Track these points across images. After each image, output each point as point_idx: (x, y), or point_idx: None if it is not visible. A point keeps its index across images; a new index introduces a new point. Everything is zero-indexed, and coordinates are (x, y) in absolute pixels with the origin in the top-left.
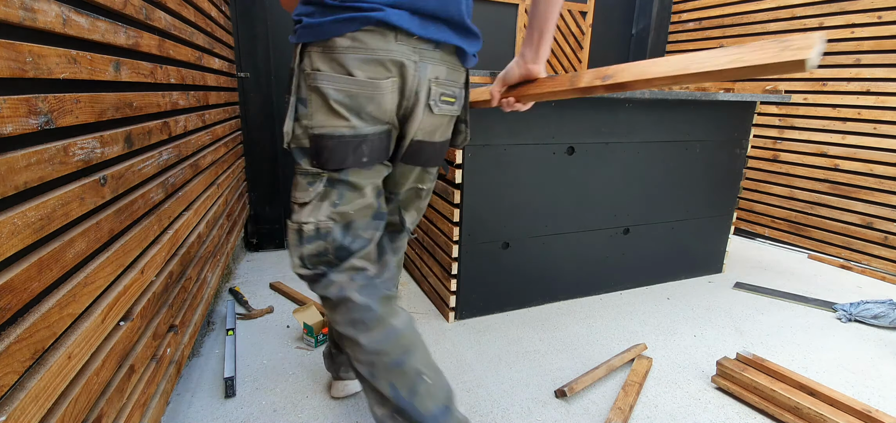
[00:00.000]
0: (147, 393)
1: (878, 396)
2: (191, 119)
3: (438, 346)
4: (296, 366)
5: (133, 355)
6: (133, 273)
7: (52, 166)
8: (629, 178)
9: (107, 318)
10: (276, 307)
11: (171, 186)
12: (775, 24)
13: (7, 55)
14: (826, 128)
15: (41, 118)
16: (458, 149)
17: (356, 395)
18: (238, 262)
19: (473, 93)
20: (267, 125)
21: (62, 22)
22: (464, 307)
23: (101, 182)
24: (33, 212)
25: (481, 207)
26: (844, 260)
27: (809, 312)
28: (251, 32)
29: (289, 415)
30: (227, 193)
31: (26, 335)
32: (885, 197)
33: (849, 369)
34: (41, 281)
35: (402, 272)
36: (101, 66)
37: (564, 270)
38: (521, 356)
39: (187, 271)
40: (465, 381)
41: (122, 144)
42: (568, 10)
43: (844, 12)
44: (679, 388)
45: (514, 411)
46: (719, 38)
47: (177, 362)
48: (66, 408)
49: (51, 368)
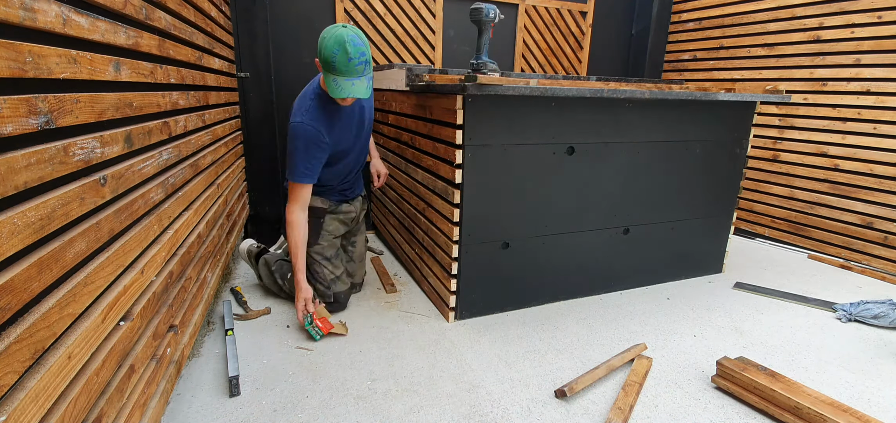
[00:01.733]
0: (147, 393)
1: (879, 396)
2: (191, 119)
3: (438, 346)
4: (296, 366)
5: (133, 354)
6: (133, 273)
7: (51, 166)
8: (629, 178)
9: (107, 318)
10: (273, 308)
11: (171, 186)
12: (775, 24)
13: (7, 55)
14: (826, 128)
15: (41, 118)
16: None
17: (362, 398)
18: (238, 262)
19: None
20: (267, 125)
21: (62, 22)
22: (464, 307)
23: (101, 182)
24: (33, 212)
25: (481, 208)
26: (844, 260)
27: (810, 312)
28: (251, 32)
29: (289, 415)
30: (227, 193)
31: (26, 335)
32: (885, 197)
33: (848, 368)
34: (41, 281)
35: (401, 272)
36: (101, 66)
37: (564, 270)
38: (520, 356)
39: (187, 270)
40: (465, 381)
41: (122, 144)
42: (568, 9)
43: (844, 12)
44: (679, 388)
45: (514, 411)
46: (719, 38)
47: (177, 362)
48: (65, 408)
49: (51, 368)
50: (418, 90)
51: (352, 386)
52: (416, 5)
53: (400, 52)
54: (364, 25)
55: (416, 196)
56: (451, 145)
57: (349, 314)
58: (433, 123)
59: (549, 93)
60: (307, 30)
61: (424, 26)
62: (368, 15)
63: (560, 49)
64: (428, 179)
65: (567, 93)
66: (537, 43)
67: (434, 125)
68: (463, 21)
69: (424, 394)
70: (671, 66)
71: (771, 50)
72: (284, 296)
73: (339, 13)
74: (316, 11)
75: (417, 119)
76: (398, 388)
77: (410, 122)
